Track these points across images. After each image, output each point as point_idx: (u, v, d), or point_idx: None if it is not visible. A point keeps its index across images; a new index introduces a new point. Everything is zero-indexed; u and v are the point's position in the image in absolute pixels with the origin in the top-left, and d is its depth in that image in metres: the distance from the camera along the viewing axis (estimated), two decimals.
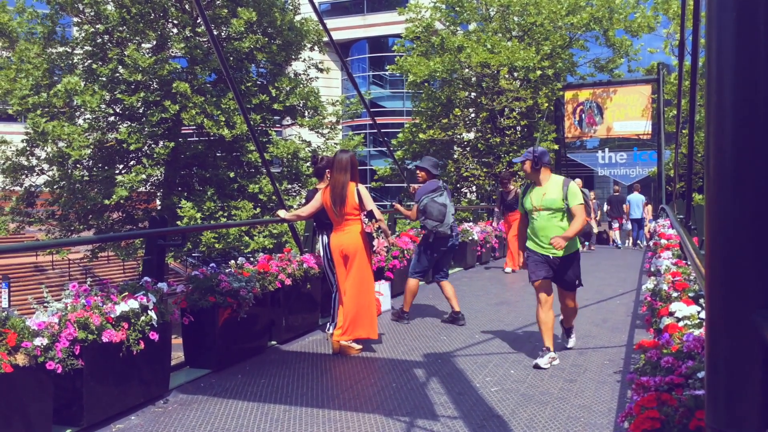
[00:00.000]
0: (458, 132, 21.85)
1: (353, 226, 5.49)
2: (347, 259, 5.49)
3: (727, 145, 1.17)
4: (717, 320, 1.20)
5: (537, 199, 5.04)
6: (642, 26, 22.81)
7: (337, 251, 5.51)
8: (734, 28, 1.16)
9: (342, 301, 5.56)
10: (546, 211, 5.01)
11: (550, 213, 4.99)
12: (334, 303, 5.97)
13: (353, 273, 5.47)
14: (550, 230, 4.98)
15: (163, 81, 17.39)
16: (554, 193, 4.97)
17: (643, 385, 2.43)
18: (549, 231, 4.98)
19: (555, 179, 5.06)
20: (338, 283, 5.69)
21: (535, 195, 5.06)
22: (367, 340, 5.65)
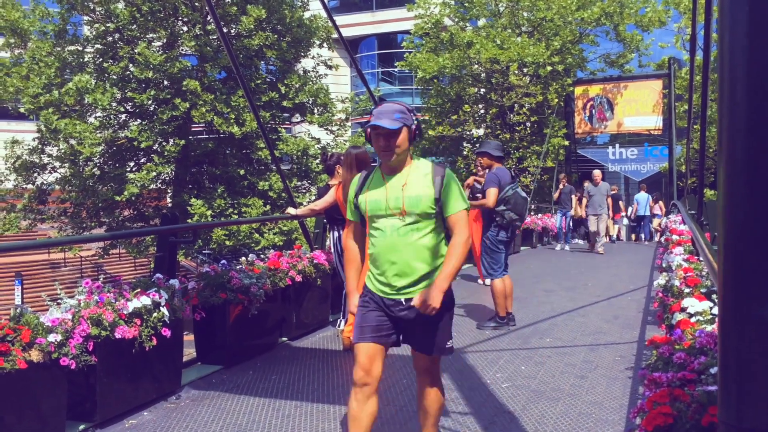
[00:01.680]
0: (468, 128, 21.81)
1: None
2: None
3: (740, 140, 1.16)
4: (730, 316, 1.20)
5: (390, 197, 2.87)
6: (653, 21, 22.67)
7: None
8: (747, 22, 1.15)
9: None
10: (402, 219, 2.84)
11: (410, 224, 2.83)
12: (344, 299, 5.98)
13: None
14: (404, 254, 2.83)
15: (174, 79, 17.45)
16: (420, 187, 2.85)
17: (655, 380, 2.42)
18: (403, 255, 2.83)
19: (420, 165, 2.95)
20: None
21: (384, 190, 2.90)
22: None
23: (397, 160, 2.87)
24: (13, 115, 22.20)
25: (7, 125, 27.16)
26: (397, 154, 2.82)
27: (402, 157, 2.87)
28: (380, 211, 2.87)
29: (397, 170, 2.91)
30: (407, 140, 2.86)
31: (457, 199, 2.84)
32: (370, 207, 2.91)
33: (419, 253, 2.84)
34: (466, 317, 6.87)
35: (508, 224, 6.09)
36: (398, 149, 2.82)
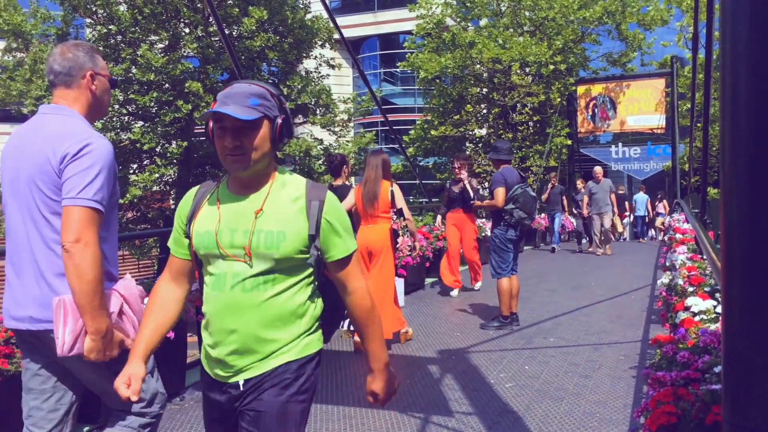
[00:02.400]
0: (470, 128, 21.79)
1: (383, 224, 5.53)
2: (372, 256, 5.53)
3: (742, 138, 1.16)
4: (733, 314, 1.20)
5: (228, 229, 1.84)
6: (655, 19, 22.63)
7: (363, 246, 5.51)
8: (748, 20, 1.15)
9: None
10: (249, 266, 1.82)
11: (261, 273, 1.82)
12: None
13: (376, 271, 5.49)
14: (249, 320, 1.82)
15: (176, 81, 17.48)
16: (284, 216, 1.84)
17: (659, 380, 2.42)
18: (247, 322, 1.83)
19: (289, 182, 1.90)
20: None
21: (225, 217, 1.85)
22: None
23: (252, 171, 1.78)
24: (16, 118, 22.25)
25: (10, 128, 27.24)
26: (253, 162, 1.76)
27: (260, 166, 1.78)
28: (213, 249, 1.79)
29: (252, 187, 1.81)
30: (269, 140, 1.79)
31: (346, 237, 1.87)
32: (198, 241, 1.83)
33: (273, 321, 1.79)
34: (470, 317, 6.87)
35: (516, 223, 6.09)
36: (255, 153, 1.75)
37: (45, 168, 2.08)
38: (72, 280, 2.03)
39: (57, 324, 2.07)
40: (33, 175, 2.11)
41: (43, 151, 2.09)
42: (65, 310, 2.07)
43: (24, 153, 2.15)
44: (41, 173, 2.09)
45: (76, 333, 2.08)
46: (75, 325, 2.07)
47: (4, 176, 2.21)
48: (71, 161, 2.06)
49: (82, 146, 2.07)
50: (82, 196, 2.04)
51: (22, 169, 2.15)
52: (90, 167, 2.06)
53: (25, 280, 2.15)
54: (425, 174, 24.21)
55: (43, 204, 2.11)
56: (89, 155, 2.07)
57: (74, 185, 2.04)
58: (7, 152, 2.22)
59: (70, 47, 2.29)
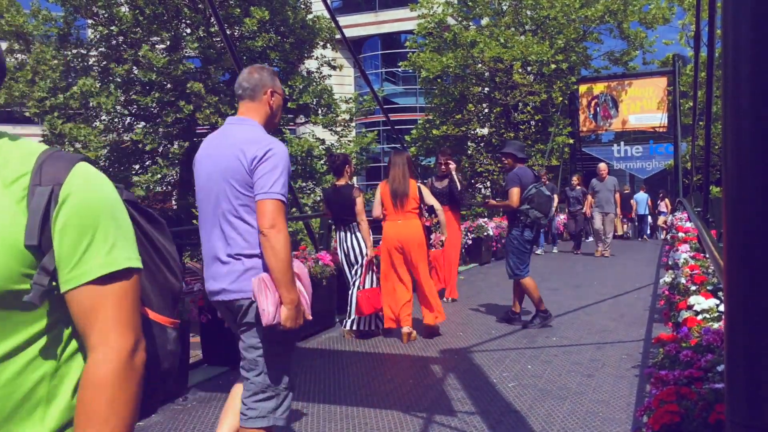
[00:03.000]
0: (472, 127, 21.78)
1: (413, 220, 5.75)
2: (406, 251, 5.71)
3: (745, 137, 1.16)
4: (736, 313, 1.19)
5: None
6: (657, 18, 22.62)
7: (395, 242, 5.70)
8: (750, 18, 1.15)
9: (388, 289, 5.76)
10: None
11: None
12: (350, 300, 5.99)
13: (416, 264, 5.73)
14: None
15: (178, 81, 17.51)
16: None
17: (662, 379, 2.42)
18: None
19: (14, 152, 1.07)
20: (385, 274, 5.81)
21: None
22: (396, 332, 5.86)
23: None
24: (18, 119, 22.30)
25: (12, 129, 27.30)
26: None
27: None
28: None
29: None
30: None
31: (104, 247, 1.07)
32: None
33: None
34: (472, 317, 6.87)
35: (532, 223, 6.12)
36: None
37: (237, 168, 2.50)
38: (270, 258, 2.43)
39: (260, 298, 2.46)
40: (227, 174, 2.53)
41: (235, 154, 2.51)
42: (265, 285, 2.46)
43: (217, 156, 2.59)
44: (234, 172, 2.51)
45: (276, 304, 2.46)
46: (274, 297, 2.46)
47: (201, 175, 2.66)
48: (260, 163, 2.47)
49: (266, 150, 2.48)
50: (272, 190, 2.45)
51: (216, 169, 2.58)
52: (275, 168, 2.48)
53: (219, 258, 2.59)
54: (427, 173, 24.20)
55: (234, 198, 2.53)
56: (273, 158, 2.49)
57: (265, 182, 2.45)
58: (201, 156, 2.69)
59: (256, 68, 2.73)
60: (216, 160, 2.59)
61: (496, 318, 6.65)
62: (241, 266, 2.54)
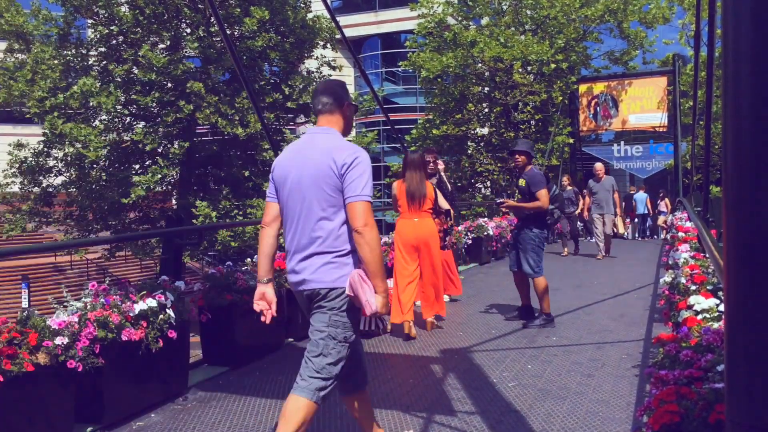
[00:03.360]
0: (472, 127, 21.77)
1: (428, 219, 5.98)
2: (421, 249, 5.90)
3: (745, 136, 1.16)
4: (736, 313, 1.19)
5: None
6: (657, 17, 22.61)
7: (411, 239, 5.88)
8: (750, 18, 1.15)
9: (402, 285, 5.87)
10: None
11: None
12: None
13: (431, 260, 5.95)
14: None
15: (178, 81, 17.48)
16: None
17: (662, 378, 2.42)
18: None
19: None
20: (401, 270, 5.92)
21: None
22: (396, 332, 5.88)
23: None
24: (18, 119, 22.27)
25: (12, 129, 27.26)
26: None
27: None
28: None
29: None
30: None
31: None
32: None
33: None
34: (472, 317, 6.87)
35: (553, 222, 6.34)
36: None
37: (328, 174, 2.79)
38: (364, 253, 2.74)
39: (360, 292, 2.74)
40: (317, 179, 2.80)
41: (325, 161, 2.80)
42: (362, 279, 2.75)
43: (305, 162, 2.87)
44: (325, 177, 2.80)
45: (370, 293, 2.74)
46: (371, 289, 2.75)
47: (288, 179, 2.91)
48: (349, 169, 2.78)
49: (354, 158, 2.80)
50: (363, 193, 2.76)
51: (305, 174, 2.84)
52: (363, 173, 2.80)
53: (305, 253, 2.86)
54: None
55: (324, 200, 2.81)
56: (361, 164, 2.80)
57: (356, 187, 2.76)
58: (285, 161, 2.96)
59: (334, 84, 3.09)
60: (304, 165, 2.87)
61: (504, 317, 6.68)
62: (323, 260, 2.82)
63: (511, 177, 19.58)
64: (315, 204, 2.83)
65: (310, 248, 2.85)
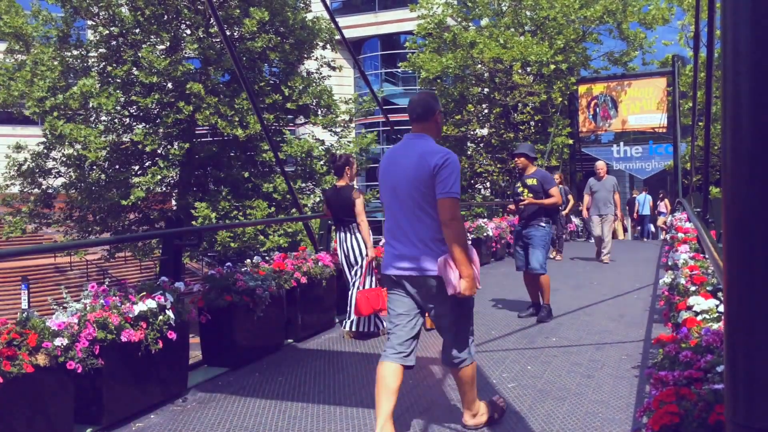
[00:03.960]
0: (471, 128, 21.78)
1: None
2: None
3: (744, 137, 1.16)
4: (736, 313, 1.19)
5: None
6: (656, 18, 22.61)
7: None
8: (750, 18, 1.15)
9: None
10: None
11: None
12: (350, 300, 5.99)
13: None
14: None
15: (177, 82, 17.48)
16: None
17: (662, 379, 2.42)
18: None
19: None
20: None
21: None
22: None
23: None
24: (18, 120, 22.27)
25: (12, 130, 27.26)
26: None
27: None
28: None
29: None
30: None
31: None
32: None
33: None
34: None
35: (557, 220, 6.75)
36: None
37: (423, 173, 3.21)
38: (451, 243, 3.15)
39: (446, 274, 3.16)
40: (415, 178, 3.24)
41: (421, 162, 3.23)
42: (449, 264, 3.15)
43: (404, 164, 3.31)
44: (421, 176, 3.22)
45: (458, 277, 3.14)
46: (455, 273, 3.15)
47: (390, 177, 3.36)
48: (440, 169, 3.19)
49: (445, 159, 3.21)
50: (451, 190, 3.18)
51: (406, 174, 3.28)
52: (452, 172, 3.20)
53: (405, 244, 3.30)
54: None
55: (421, 197, 3.24)
56: (450, 165, 3.22)
57: (446, 184, 3.18)
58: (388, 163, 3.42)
59: (426, 96, 3.48)
60: (405, 166, 3.30)
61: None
62: (424, 249, 3.24)
63: (511, 178, 19.58)
64: (413, 200, 3.26)
65: (409, 238, 3.29)
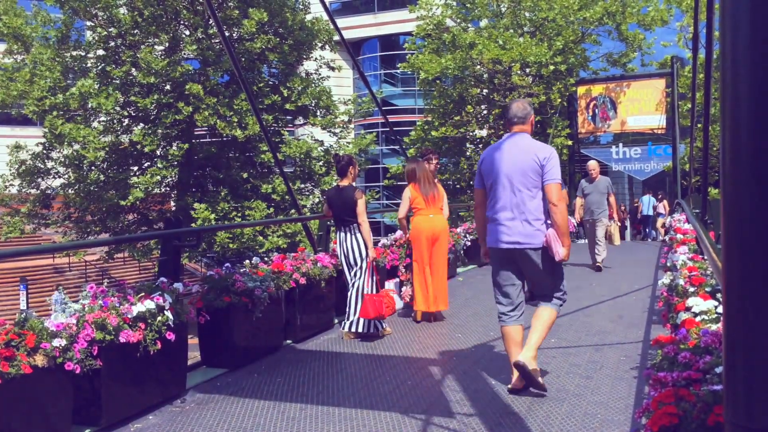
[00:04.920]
0: (471, 129, 21.78)
1: (440, 215, 6.72)
2: (435, 240, 6.61)
3: (743, 138, 1.16)
4: (734, 315, 1.19)
5: None
6: (655, 20, 22.60)
7: (429, 231, 6.56)
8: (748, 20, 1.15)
9: (422, 275, 6.58)
10: None
11: None
12: (349, 301, 5.99)
13: (441, 253, 6.70)
14: None
15: (176, 83, 17.49)
16: None
17: (661, 380, 2.42)
18: None
19: None
20: (417, 260, 6.62)
21: None
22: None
23: None
24: (17, 120, 22.25)
25: (11, 131, 27.24)
26: None
27: None
28: None
29: None
30: None
31: None
32: None
33: None
34: (471, 319, 6.87)
35: None
36: None
37: (531, 164, 4.04)
38: (557, 219, 4.05)
39: (554, 245, 4.04)
40: (524, 168, 4.05)
41: (529, 155, 4.06)
42: (555, 237, 4.04)
43: (512, 157, 4.09)
44: (530, 166, 4.04)
45: (560, 246, 4.03)
46: (559, 243, 4.04)
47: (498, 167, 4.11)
48: (547, 161, 4.05)
49: (550, 152, 4.10)
50: (556, 177, 4.06)
51: (514, 164, 4.07)
52: (556, 164, 4.10)
53: (514, 221, 4.07)
54: None
55: (529, 182, 4.05)
56: (554, 158, 4.10)
57: (553, 173, 4.05)
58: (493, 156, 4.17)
59: (523, 102, 4.32)
60: (512, 159, 4.08)
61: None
62: (531, 227, 4.04)
63: None
64: (521, 185, 4.04)
65: (516, 216, 4.06)
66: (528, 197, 4.03)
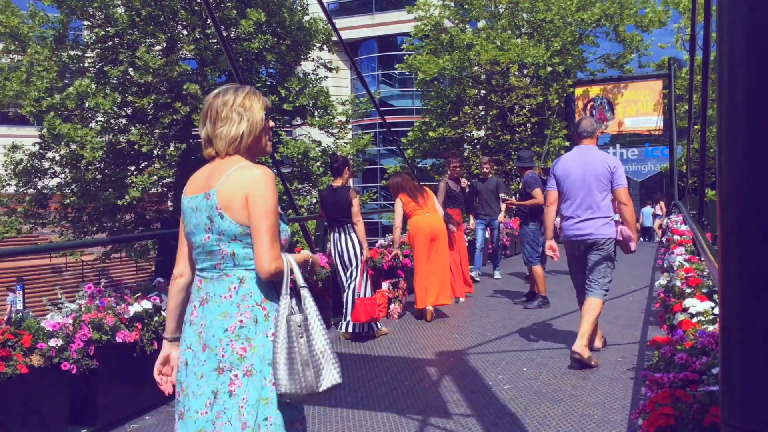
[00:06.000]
0: (468, 130, 21.78)
1: (436, 213, 6.90)
2: (434, 238, 6.76)
3: (740, 140, 1.16)
4: (731, 316, 1.19)
5: None
6: (652, 21, 22.63)
7: (427, 229, 6.72)
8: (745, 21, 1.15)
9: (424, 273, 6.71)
10: None
11: None
12: (345, 302, 5.98)
13: (442, 249, 6.85)
14: None
15: (174, 83, 17.47)
16: None
17: (657, 381, 2.42)
18: None
19: None
20: (419, 258, 6.77)
21: None
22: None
23: None
24: (13, 120, 22.19)
25: (7, 130, 27.17)
26: None
27: None
28: None
29: None
30: None
31: None
32: None
33: None
34: (468, 319, 6.87)
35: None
36: None
37: (604, 171, 4.82)
38: (627, 216, 4.91)
39: (626, 237, 4.91)
40: (597, 174, 4.82)
41: (602, 164, 4.84)
42: (626, 232, 4.88)
43: (585, 164, 4.87)
44: (602, 173, 4.83)
45: (635, 239, 4.93)
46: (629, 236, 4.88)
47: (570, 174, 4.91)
48: (616, 169, 4.84)
49: (617, 163, 4.92)
50: (624, 183, 4.84)
51: (588, 171, 4.84)
52: (623, 171, 4.88)
53: (587, 216, 4.82)
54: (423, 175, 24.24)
55: (601, 186, 4.83)
56: (620, 167, 4.91)
57: (621, 179, 4.84)
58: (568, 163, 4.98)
59: (591, 120, 5.16)
60: (586, 166, 4.85)
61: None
62: (599, 222, 4.81)
63: (507, 180, 19.61)
64: (594, 188, 4.81)
65: (590, 214, 4.81)
66: (600, 198, 4.82)
